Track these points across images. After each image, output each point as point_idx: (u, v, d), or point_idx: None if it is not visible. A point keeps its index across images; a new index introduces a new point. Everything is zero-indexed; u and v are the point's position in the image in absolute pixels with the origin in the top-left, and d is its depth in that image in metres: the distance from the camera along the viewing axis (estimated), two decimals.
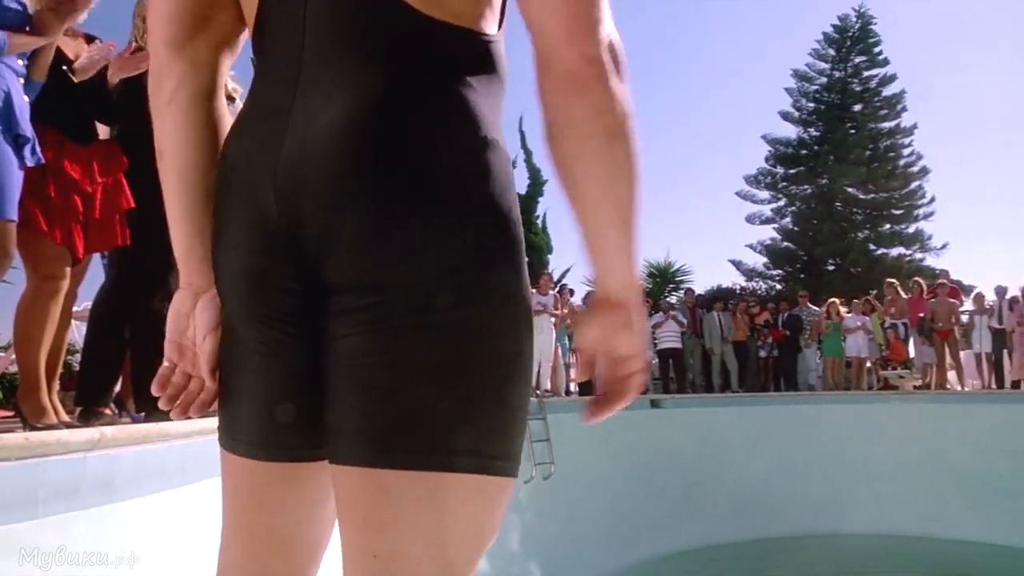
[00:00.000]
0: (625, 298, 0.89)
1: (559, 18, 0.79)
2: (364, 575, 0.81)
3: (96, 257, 3.80)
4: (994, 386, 12.35)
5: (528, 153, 20.38)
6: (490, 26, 0.87)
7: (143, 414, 3.64)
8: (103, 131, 3.70)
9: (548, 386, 10.87)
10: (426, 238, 0.79)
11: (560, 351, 11.41)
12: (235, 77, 4.65)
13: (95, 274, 3.91)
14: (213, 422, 0.99)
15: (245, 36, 0.99)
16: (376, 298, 0.80)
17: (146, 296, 3.58)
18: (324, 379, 0.85)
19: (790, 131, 28.70)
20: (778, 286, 26.35)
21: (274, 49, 0.90)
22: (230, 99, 4.68)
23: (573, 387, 12.53)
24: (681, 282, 23.30)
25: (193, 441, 3.11)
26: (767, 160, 28.63)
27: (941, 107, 43.71)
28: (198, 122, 0.96)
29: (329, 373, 0.84)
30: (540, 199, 20.35)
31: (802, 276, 26.30)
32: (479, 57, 0.87)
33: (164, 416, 3.37)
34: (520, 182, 20.44)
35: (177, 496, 2.94)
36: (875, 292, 15.02)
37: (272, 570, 0.95)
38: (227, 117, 1.00)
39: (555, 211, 39.69)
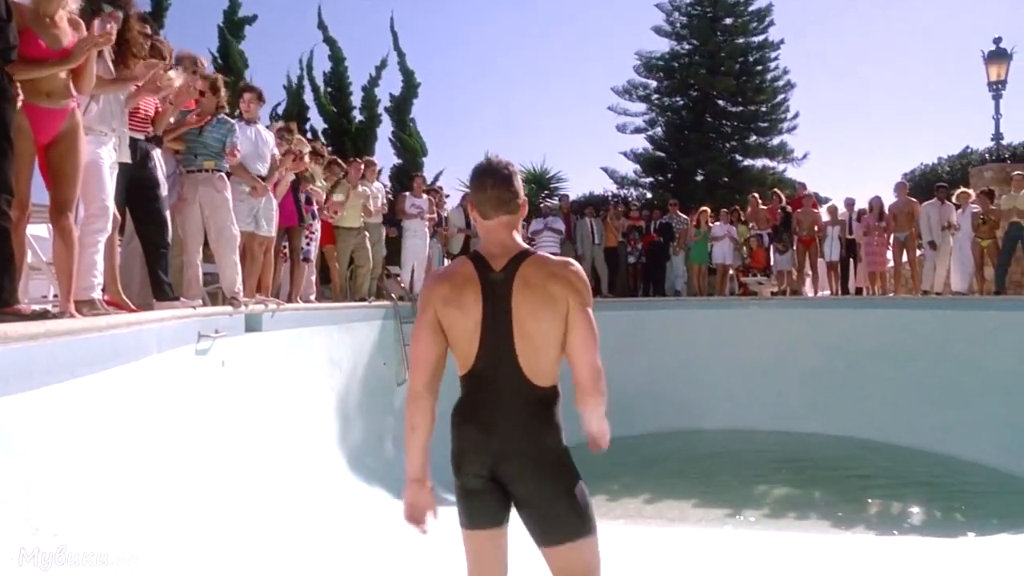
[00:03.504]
0: (600, 423, 2.39)
1: (584, 369, 2.39)
2: None
3: None
4: (840, 293, 13.21)
5: (401, 55, 19.44)
6: (557, 381, 2.40)
7: None
8: None
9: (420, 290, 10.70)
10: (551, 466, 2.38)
11: (434, 256, 11.26)
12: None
13: None
14: (60, 324, 0.86)
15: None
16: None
17: None
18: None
19: (664, 45, 28.83)
20: (648, 194, 26.92)
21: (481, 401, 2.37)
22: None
23: None
24: (556, 189, 23.40)
25: (39, 344, 2.82)
26: (639, 72, 28.69)
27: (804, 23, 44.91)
28: (429, 420, 2.34)
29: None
30: (415, 100, 19.62)
31: (672, 185, 26.96)
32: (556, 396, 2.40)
33: (5, 318, 3.04)
34: (394, 83, 19.66)
35: (20, 402, 2.68)
36: (739, 199, 15.59)
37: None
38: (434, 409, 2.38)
39: (428, 112, 38.61)
